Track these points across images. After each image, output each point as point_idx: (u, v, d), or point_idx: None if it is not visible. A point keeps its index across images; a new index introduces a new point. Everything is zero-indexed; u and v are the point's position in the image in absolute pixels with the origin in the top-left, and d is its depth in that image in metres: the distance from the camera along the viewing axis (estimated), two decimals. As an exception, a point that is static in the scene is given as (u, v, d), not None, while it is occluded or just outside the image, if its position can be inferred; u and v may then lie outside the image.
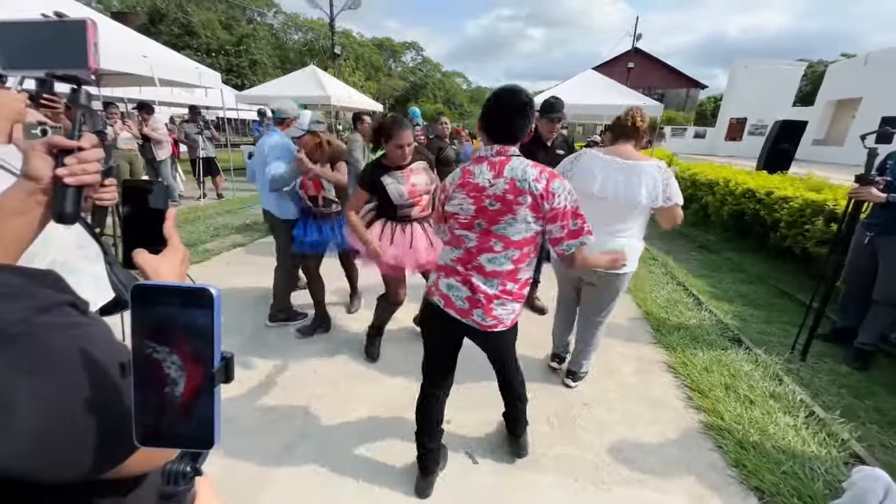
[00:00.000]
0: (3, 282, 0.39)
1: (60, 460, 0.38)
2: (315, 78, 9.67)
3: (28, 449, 0.35)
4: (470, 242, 1.38)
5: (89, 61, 0.59)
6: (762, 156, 7.15)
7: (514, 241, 1.33)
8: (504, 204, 1.29)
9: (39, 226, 0.59)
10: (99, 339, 0.42)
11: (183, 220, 5.73)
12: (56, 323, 0.40)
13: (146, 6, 25.55)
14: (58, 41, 0.59)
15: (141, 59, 5.18)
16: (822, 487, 1.69)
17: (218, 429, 0.37)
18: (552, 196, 1.28)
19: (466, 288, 1.40)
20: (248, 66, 28.15)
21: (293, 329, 2.90)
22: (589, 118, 12.02)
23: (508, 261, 1.36)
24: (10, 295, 0.38)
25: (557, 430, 2.06)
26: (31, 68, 0.61)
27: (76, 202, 0.59)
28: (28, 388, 0.35)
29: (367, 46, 40.01)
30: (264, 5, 33.78)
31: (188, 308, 0.35)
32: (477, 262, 1.38)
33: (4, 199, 0.56)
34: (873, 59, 12.61)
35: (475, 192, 1.32)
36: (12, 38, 0.59)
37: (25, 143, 0.60)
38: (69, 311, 0.42)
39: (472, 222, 1.35)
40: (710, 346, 2.81)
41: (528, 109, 1.31)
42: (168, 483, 0.37)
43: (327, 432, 1.98)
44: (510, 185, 1.28)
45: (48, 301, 0.40)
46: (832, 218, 3.58)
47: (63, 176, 0.57)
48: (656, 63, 28.18)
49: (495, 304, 1.39)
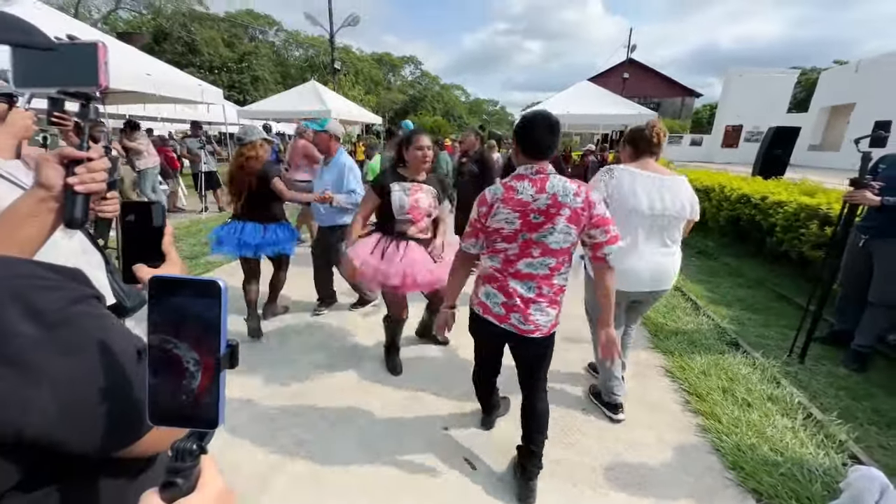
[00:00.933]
0: (44, 275, 0.44)
1: (87, 433, 0.42)
2: (315, 93, 9.89)
3: (62, 421, 0.40)
4: (511, 251, 1.48)
5: (100, 79, 0.65)
6: (757, 162, 7.23)
7: (551, 248, 1.45)
8: (546, 217, 1.41)
9: (50, 230, 0.65)
10: (119, 329, 0.48)
11: (185, 234, 5.79)
12: (87, 312, 0.45)
13: (151, 26, 26.22)
14: (71, 61, 0.65)
15: (145, 77, 5.32)
16: (820, 489, 1.69)
17: (223, 410, 0.40)
18: (593, 205, 1.43)
19: (502, 294, 1.50)
20: (250, 82, 28.69)
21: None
22: (585, 127, 12.20)
23: (545, 267, 1.47)
24: (52, 287, 0.43)
25: (555, 434, 2.06)
26: (44, 86, 0.66)
27: (84, 208, 0.64)
28: (65, 367, 0.41)
29: (366, 61, 40.77)
30: (266, 24, 34.61)
31: (198, 298, 0.38)
32: (515, 267, 1.48)
33: (19, 206, 0.62)
34: (864, 66, 12.80)
35: (520, 207, 1.42)
36: (27, 59, 0.65)
37: (38, 155, 0.65)
38: (96, 304, 0.47)
39: (515, 235, 1.45)
40: (707, 350, 2.82)
41: (558, 128, 1.47)
42: (176, 459, 0.39)
43: (326, 440, 1.99)
44: (552, 200, 1.40)
45: (80, 293, 0.45)
46: (826, 221, 3.62)
47: (73, 184, 0.62)
48: (651, 73, 28.58)
49: (532, 308, 1.49)
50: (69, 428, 0.41)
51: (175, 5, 27.61)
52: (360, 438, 2.01)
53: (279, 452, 1.91)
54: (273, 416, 2.16)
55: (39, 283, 0.43)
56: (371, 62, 41.99)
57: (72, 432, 0.41)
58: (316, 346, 2.87)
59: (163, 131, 10.74)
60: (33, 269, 0.44)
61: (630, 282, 1.95)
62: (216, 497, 0.41)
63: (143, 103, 7.99)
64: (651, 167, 1.95)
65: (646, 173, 1.91)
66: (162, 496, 0.39)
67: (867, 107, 11.61)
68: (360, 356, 2.74)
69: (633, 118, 9.23)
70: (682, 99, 28.36)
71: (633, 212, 1.88)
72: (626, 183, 1.90)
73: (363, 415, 2.18)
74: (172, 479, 0.39)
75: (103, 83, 0.65)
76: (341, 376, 2.53)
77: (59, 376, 0.40)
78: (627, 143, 2.06)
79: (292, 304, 3.48)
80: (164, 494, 0.39)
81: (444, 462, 1.87)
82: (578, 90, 9.91)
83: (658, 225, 1.93)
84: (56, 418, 0.40)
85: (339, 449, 1.94)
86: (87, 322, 0.44)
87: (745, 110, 16.29)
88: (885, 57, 12.00)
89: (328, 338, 2.98)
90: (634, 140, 2.01)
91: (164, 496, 0.39)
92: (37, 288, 0.42)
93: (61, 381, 0.40)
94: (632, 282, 1.96)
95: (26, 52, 0.65)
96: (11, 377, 0.38)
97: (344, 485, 1.75)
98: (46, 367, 0.40)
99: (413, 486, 1.74)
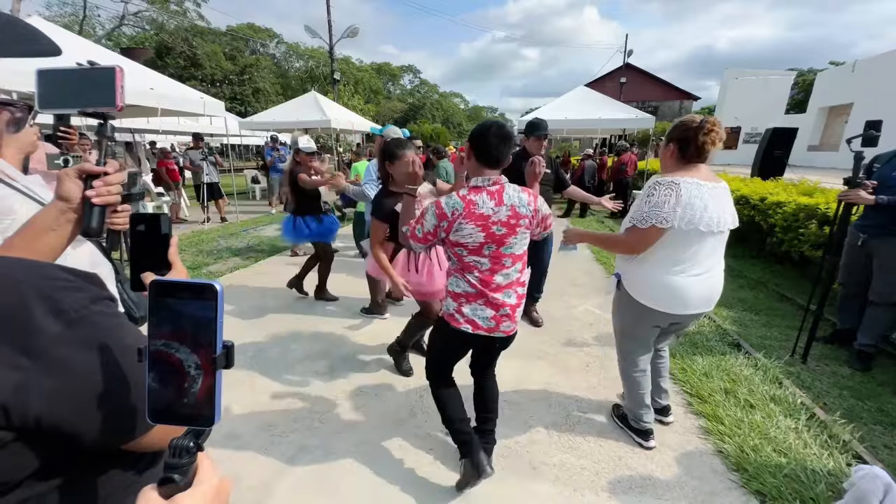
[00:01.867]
0: (66, 277, 0.48)
1: (101, 424, 0.46)
2: (316, 103, 10.00)
3: (78, 412, 0.44)
4: (483, 266, 1.50)
5: (117, 101, 0.71)
6: (756, 163, 7.23)
7: (518, 254, 1.54)
8: (509, 228, 1.47)
9: (68, 240, 0.70)
10: (131, 329, 0.52)
11: (187, 244, 5.84)
12: (104, 312, 0.49)
13: (154, 41, 26.63)
14: (90, 84, 0.71)
15: (148, 92, 5.41)
16: (824, 490, 1.67)
17: (219, 408, 0.41)
18: (539, 210, 1.55)
19: (490, 308, 1.54)
20: (252, 94, 29.03)
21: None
22: (582, 132, 12.25)
23: (516, 271, 1.56)
24: (73, 288, 0.47)
25: (556, 438, 2.05)
26: (65, 107, 0.73)
27: (101, 219, 0.70)
28: (83, 361, 0.45)
29: (366, 71, 41.22)
30: (266, 37, 35.10)
31: (195, 301, 0.40)
32: (494, 283, 1.52)
33: (41, 216, 0.68)
34: (861, 66, 12.87)
35: (482, 221, 1.44)
36: (49, 82, 0.71)
37: (60, 170, 0.70)
38: (110, 304, 0.51)
39: (481, 248, 1.47)
40: (709, 351, 2.81)
41: (511, 139, 1.50)
42: (173, 456, 0.41)
43: (328, 446, 1.99)
44: (512, 212, 1.46)
45: (97, 295, 0.49)
46: (825, 221, 3.62)
47: (91, 196, 0.68)
48: (649, 77, 28.74)
49: (517, 311, 1.60)
50: (84, 418, 0.44)
51: (178, 21, 28.09)
52: (362, 443, 2.01)
53: (282, 459, 1.91)
54: (274, 422, 2.16)
55: (62, 284, 0.47)
56: (370, 72, 42.45)
57: (86, 423, 0.45)
58: (318, 353, 2.88)
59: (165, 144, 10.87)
60: (56, 272, 0.48)
61: (678, 304, 1.73)
62: (212, 492, 0.42)
63: (147, 117, 8.09)
64: (703, 174, 1.67)
65: (709, 184, 1.64)
66: (160, 492, 0.40)
67: (865, 106, 11.64)
68: (362, 363, 2.74)
69: (631, 122, 9.27)
70: (681, 102, 28.46)
71: (700, 231, 1.61)
72: (691, 196, 1.60)
73: (365, 420, 2.18)
74: (170, 476, 0.40)
75: (119, 105, 0.71)
76: (343, 383, 2.53)
77: (78, 370, 0.44)
78: (674, 142, 1.69)
79: (293, 307, 3.50)
80: (163, 490, 0.41)
81: (446, 466, 1.86)
82: (576, 95, 9.97)
83: (719, 241, 1.71)
84: (73, 408, 0.43)
85: (341, 454, 1.94)
86: (103, 321, 0.48)
87: (743, 112, 16.35)
88: (882, 57, 12.06)
89: (330, 345, 2.99)
90: (687, 140, 1.64)
91: (162, 492, 0.40)
92: (60, 288, 0.46)
93: (79, 375, 0.44)
94: (679, 304, 1.73)
95: (50, 75, 0.70)
96: (35, 369, 0.41)
97: (347, 490, 1.75)
98: (67, 360, 0.43)
99: (415, 491, 1.74)
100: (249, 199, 10.95)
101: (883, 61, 11.83)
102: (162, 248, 0.68)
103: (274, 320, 3.40)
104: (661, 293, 1.74)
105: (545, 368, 2.70)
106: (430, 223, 1.47)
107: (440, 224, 1.46)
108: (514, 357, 2.81)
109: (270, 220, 7.70)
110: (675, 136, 1.69)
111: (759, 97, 16.03)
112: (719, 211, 1.63)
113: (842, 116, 13.83)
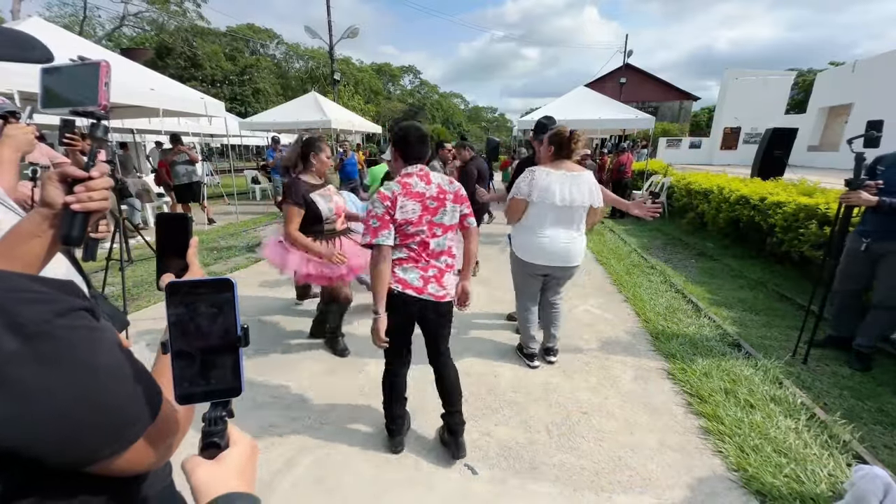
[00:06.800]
0: (30, 288, 0.44)
1: (63, 446, 0.42)
2: (316, 104, 10.01)
3: (38, 433, 0.40)
4: (422, 234, 1.74)
5: (99, 98, 0.66)
6: (756, 163, 7.24)
7: (447, 225, 1.79)
8: (438, 201, 1.74)
9: (52, 247, 0.65)
10: (108, 343, 0.48)
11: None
12: (73, 325, 0.44)
13: (154, 42, 26.65)
14: (77, 81, 0.67)
15: (148, 92, 5.42)
16: (824, 490, 1.68)
17: (243, 379, 0.49)
18: (460, 188, 1.85)
19: (419, 269, 1.75)
20: (252, 95, 29.03)
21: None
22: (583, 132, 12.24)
23: (447, 240, 1.81)
24: (37, 300, 0.43)
25: (556, 438, 2.06)
26: (59, 107, 0.68)
27: (82, 227, 0.64)
28: (43, 380, 0.40)
29: (366, 72, 41.22)
30: (267, 37, 35.12)
31: (215, 293, 0.47)
32: (429, 249, 1.76)
33: (24, 224, 0.64)
34: (861, 66, 12.86)
35: (419, 197, 1.71)
36: (49, 81, 0.68)
37: (44, 174, 0.68)
38: (85, 316, 0.47)
39: (420, 219, 1.71)
40: (709, 352, 2.81)
41: (428, 138, 1.80)
42: (210, 425, 0.49)
43: (327, 447, 1.99)
44: (439, 189, 1.75)
45: (67, 306, 0.45)
46: (825, 221, 3.62)
47: (70, 202, 0.63)
48: (649, 77, 28.69)
49: (445, 276, 1.80)
50: (41, 441, 0.41)
51: (178, 21, 28.12)
52: (361, 443, 2.01)
53: (282, 459, 1.91)
54: (274, 422, 2.16)
55: (25, 297, 0.43)
56: (370, 72, 42.45)
57: (44, 445, 0.41)
58: (318, 353, 2.88)
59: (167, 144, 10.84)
60: (21, 282, 0.44)
61: (540, 257, 2.45)
62: (248, 449, 0.53)
63: (149, 117, 8.09)
64: (568, 166, 2.37)
65: (567, 172, 2.34)
66: (205, 455, 0.49)
67: (865, 106, 11.64)
68: (361, 363, 2.75)
69: (631, 122, 9.28)
70: (681, 102, 28.44)
71: (554, 204, 2.31)
72: (543, 181, 2.32)
73: (364, 420, 2.18)
74: (212, 440, 0.49)
75: (102, 102, 0.66)
76: (342, 383, 2.54)
77: (33, 389, 0.40)
78: (553, 145, 2.40)
79: (293, 307, 3.50)
80: (206, 454, 0.49)
81: (445, 467, 1.87)
82: (576, 96, 9.97)
83: (567, 213, 2.36)
84: (27, 432, 0.40)
85: (341, 454, 1.94)
86: (69, 335, 0.44)
87: (744, 112, 16.34)
88: (882, 57, 12.05)
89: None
90: (561, 144, 2.37)
91: (207, 455, 0.49)
92: (21, 301, 0.42)
93: (35, 395, 0.40)
94: (541, 257, 2.45)
95: (50, 75, 0.68)
96: None
97: (347, 488, 1.75)
98: (22, 380, 0.39)
99: (415, 490, 1.74)
100: (250, 199, 10.96)
101: (883, 61, 11.82)
102: (182, 248, 0.73)
103: (274, 320, 3.41)
104: (529, 248, 2.48)
105: (545, 368, 2.70)
106: (379, 208, 1.67)
107: (385, 205, 1.67)
108: (514, 357, 2.83)
109: (271, 220, 7.71)
110: (554, 141, 2.40)
111: (758, 97, 16.02)
112: (566, 192, 2.30)
113: (842, 117, 13.82)
